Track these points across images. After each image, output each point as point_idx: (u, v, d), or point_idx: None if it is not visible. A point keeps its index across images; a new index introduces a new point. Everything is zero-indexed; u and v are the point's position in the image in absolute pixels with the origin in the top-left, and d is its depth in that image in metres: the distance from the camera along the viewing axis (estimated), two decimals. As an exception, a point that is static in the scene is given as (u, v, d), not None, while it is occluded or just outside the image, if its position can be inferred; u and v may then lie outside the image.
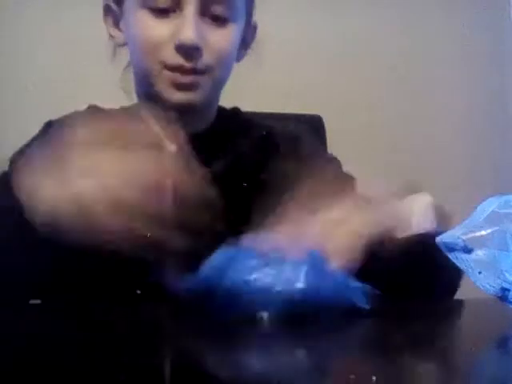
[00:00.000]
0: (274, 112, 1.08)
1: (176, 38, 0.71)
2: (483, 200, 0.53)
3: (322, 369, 0.37)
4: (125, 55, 0.81)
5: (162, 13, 0.72)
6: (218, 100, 0.84)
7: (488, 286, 0.51)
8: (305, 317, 0.44)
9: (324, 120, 1.16)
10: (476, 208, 0.53)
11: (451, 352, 0.46)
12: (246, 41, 0.83)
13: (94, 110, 0.82)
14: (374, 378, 0.32)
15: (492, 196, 0.53)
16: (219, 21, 0.74)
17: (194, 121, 0.80)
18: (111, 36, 0.82)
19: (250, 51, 0.85)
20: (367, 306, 0.48)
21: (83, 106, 0.83)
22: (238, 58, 0.83)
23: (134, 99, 0.82)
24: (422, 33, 1.61)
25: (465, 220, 0.53)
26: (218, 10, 0.73)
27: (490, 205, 0.52)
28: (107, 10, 0.81)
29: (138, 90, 0.82)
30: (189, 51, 0.72)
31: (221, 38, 0.74)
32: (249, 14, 0.81)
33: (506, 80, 1.67)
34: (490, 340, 0.49)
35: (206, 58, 0.73)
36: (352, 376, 0.32)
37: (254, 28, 0.85)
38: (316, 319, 0.45)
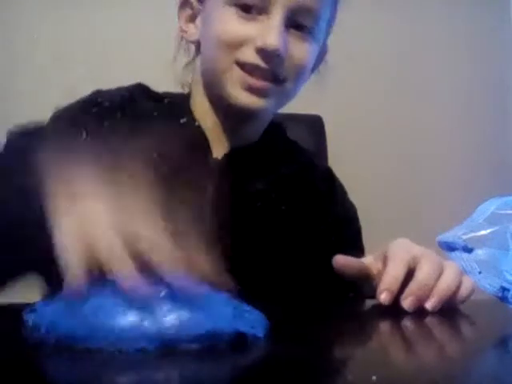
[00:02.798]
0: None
1: (258, 41, 0.69)
2: (483, 201, 0.53)
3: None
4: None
5: (248, 13, 0.70)
6: (272, 116, 0.82)
7: (488, 286, 0.52)
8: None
9: (324, 120, 1.16)
10: (476, 208, 0.53)
11: (451, 352, 0.46)
12: (316, 62, 0.80)
13: (139, 88, 0.80)
14: (374, 377, 0.32)
15: (492, 197, 0.53)
16: (304, 32, 0.72)
17: (247, 133, 0.79)
18: (183, 31, 0.79)
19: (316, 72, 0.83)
20: (261, 335, 0.41)
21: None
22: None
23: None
24: (422, 32, 1.61)
25: (465, 220, 0.53)
26: (305, 20, 0.72)
27: (491, 205, 0.52)
28: (185, 3, 0.78)
29: (205, 90, 0.79)
30: (270, 55, 0.69)
31: (301, 52, 0.73)
32: (327, 34, 0.80)
33: (506, 79, 1.67)
34: (490, 340, 0.49)
35: (284, 69, 0.71)
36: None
37: (325, 51, 0.83)
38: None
